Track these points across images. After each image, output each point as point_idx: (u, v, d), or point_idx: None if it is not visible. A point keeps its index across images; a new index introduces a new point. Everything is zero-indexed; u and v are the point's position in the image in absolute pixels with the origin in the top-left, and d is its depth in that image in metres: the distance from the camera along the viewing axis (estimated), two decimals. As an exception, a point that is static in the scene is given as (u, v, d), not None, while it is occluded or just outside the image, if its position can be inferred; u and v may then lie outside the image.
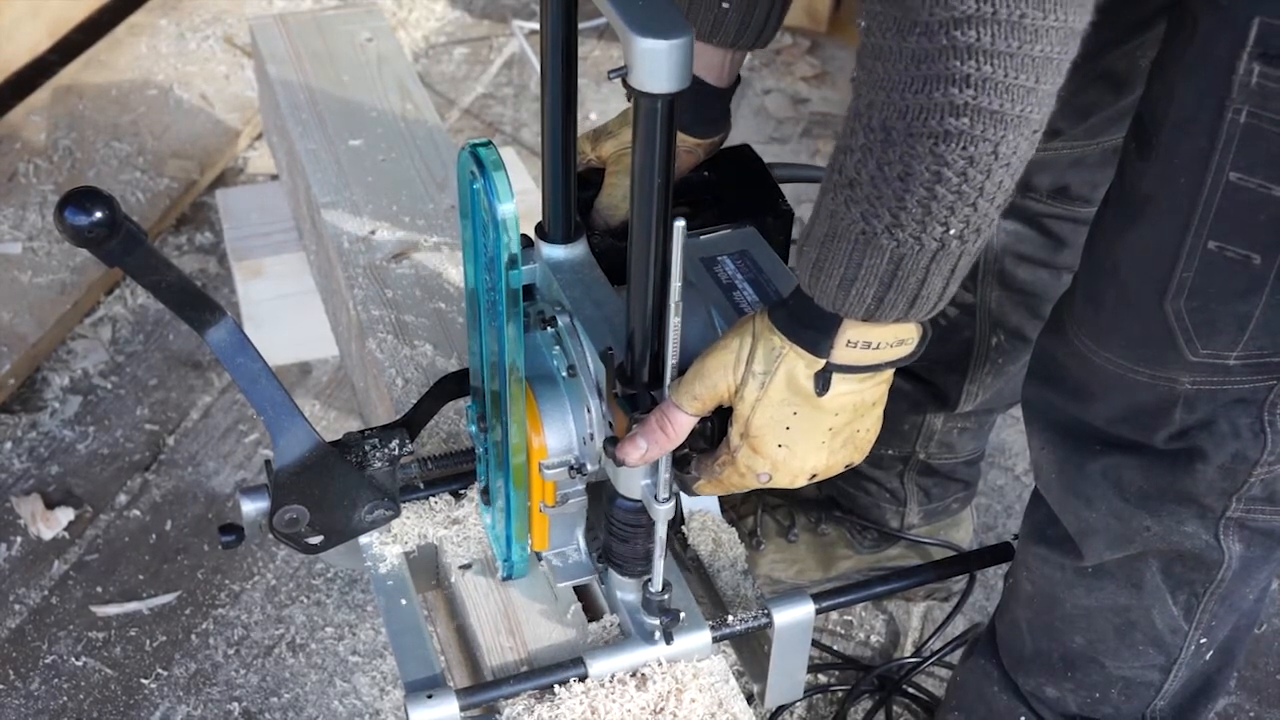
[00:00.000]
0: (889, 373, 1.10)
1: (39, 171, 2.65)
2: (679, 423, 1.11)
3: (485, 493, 1.32)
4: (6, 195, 2.60)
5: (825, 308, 1.01)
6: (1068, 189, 1.60)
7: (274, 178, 2.61)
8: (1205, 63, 1.04)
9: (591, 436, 1.20)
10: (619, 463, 1.12)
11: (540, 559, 1.33)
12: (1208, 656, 1.41)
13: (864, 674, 1.92)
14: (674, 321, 1.06)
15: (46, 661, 1.94)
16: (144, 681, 1.92)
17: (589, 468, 1.21)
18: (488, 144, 1.10)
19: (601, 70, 3.09)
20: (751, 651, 1.37)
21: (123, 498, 2.16)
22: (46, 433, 2.26)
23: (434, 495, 1.39)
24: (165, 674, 1.92)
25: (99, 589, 2.03)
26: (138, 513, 2.14)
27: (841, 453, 1.13)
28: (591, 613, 1.33)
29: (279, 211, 2.33)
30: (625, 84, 0.98)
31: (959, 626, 1.97)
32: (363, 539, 1.34)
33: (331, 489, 1.24)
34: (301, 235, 2.17)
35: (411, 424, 1.31)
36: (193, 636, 1.97)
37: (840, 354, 1.05)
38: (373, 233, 1.79)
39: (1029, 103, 0.89)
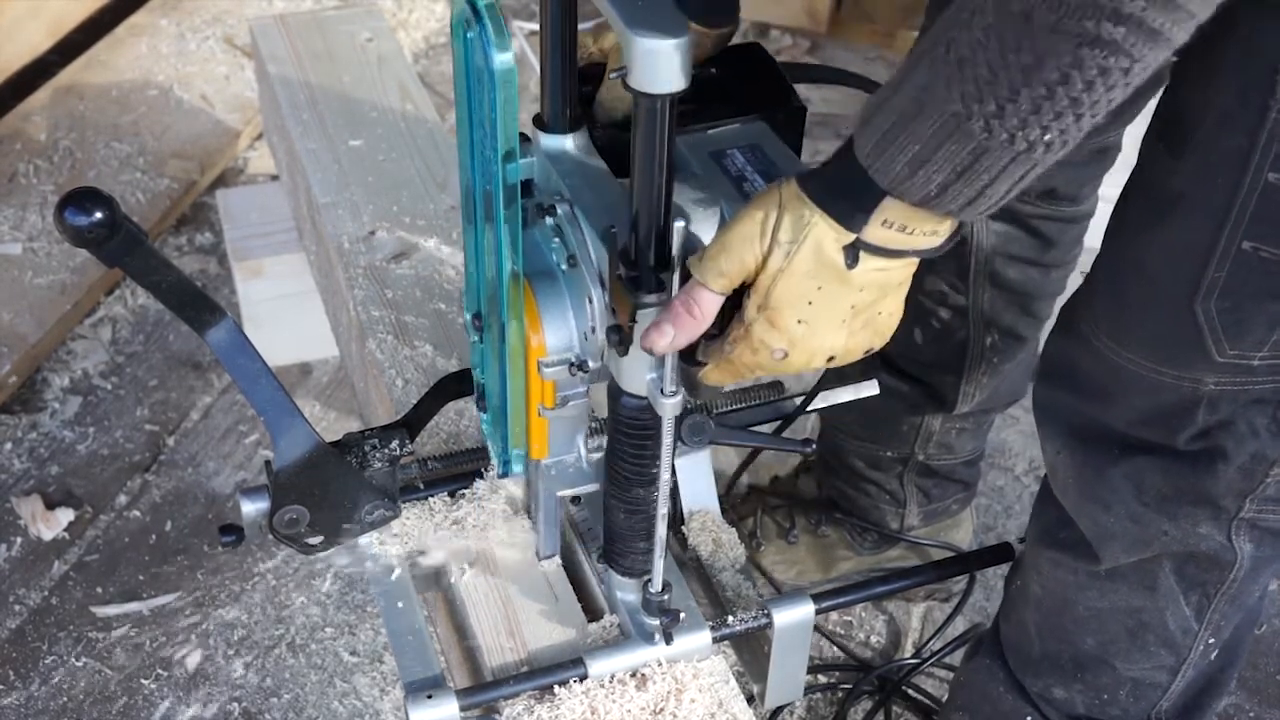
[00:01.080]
0: (916, 259, 1.05)
1: (39, 172, 2.65)
2: (706, 303, 1.04)
3: (481, 398, 1.28)
4: (7, 196, 2.60)
5: (880, 182, 0.95)
6: (1055, 190, 1.61)
7: (274, 178, 2.61)
8: (1249, 62, 1.03)
9: (593, 329, 1.14)
10: (647, 350, 1.06)
11: (537, 469, 1.28)
12: (1213, 656, 1.41)
13: (864, 674, 1.92)
14: (678, 227, 1.02)
15: (47, 662, 1.94)
16: (144, 682, 1.92)
17: (590, 364, 1.15)
18: None
19: (601, 71, 3.09)
20: (751, 652, 1.37)
21: (123, 498, 2.16)
22: (47, 433, 2.26)
23: (434, 495, 1.39)
24: (165, 674, 1.92)
25: (99, 589, 2.03)
26: (138, 513, 2.14)
27: (861, 335, 1.07)
28: (591, 613, 1.33)
29: (279, 212, 2.33)
30: (625, 84, 0.98)
31: (959, 627, 1.97)
32: (362, 539, 1.34)
33: (331, 489, 1.24)
34: (302, 235, 2.17)
35: (411, 424, 1.31)
36: (193, 637, 1.97)
37: (873, 232, 0.99)
38: (373, 233, 1.79)
39: (1182, 29, 0.85)
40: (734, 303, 1.06)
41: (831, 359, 1.07)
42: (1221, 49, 1.05)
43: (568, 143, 1.18)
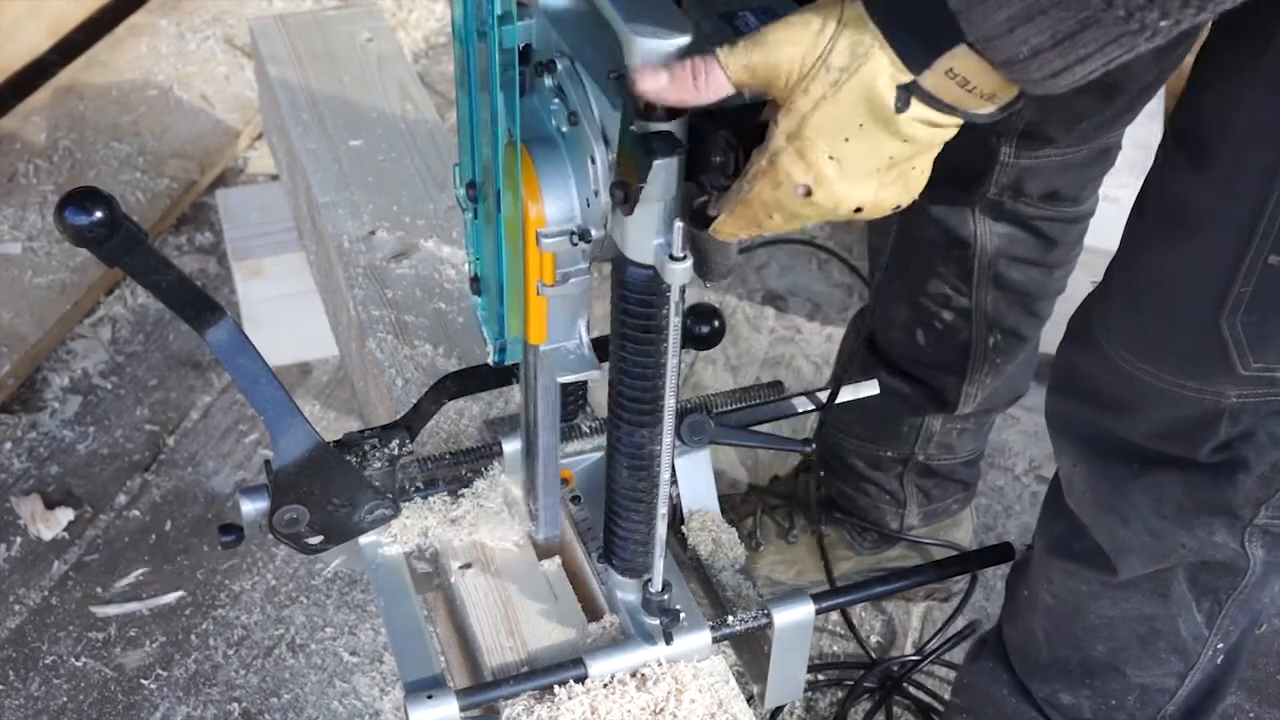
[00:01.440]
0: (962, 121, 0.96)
1: (39, 172, 2.65)
2: (715, 81, 0.93)
3: (475, 280, 1.21)
4: (7, 195, 2.60)
5: (969, 33, 0.87)
6: (1058, 192, 1.61)
7: (274, 178, 2.61)
8: (1278, 80, 1.03)
9: (596, 193, 1.05)
10: (634, 87, 0.95)
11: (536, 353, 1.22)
12: (1219, 660, 1.41)
13: (864, 674, 1.92)
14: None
15: (46, 662, 1.94)
16: (144, 682, 1.92)
17: (593, 232, 1.07)
18: None
19: (601, 70, 3.09)
20: (751, 652, 1.37)
21: (122, 498, 2.16)
22: (46, 433, 2.26)
23: (433, 495, 1.39)
24: (165, 674, 1.92)
25: (99, 589, 2.03)
26: (137, 513, 2.14)
27: (892, 189, 0.97)
28: (591, 613, 1.33)
29: (279, 211, 2.33)
30: (625, 84, 0.98)
31: (959, 627, 1.97)
32: (363, 539, 1.34)
33: (331, 489, 1.24)
34: (301, 235, 2.17)
35: (411, 424, 1.31)
36: (192, 637, 1.97)
37: (933, 78, 0.90)
38: (373, 233, 1.79)
39: None
40: (749, 147, 0.97)
41: (859, 210, 0.97)
42: (1250, 64, 1.04)
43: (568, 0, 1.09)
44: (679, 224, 0.99)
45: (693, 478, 1.39)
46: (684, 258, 1.01)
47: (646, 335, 1.10)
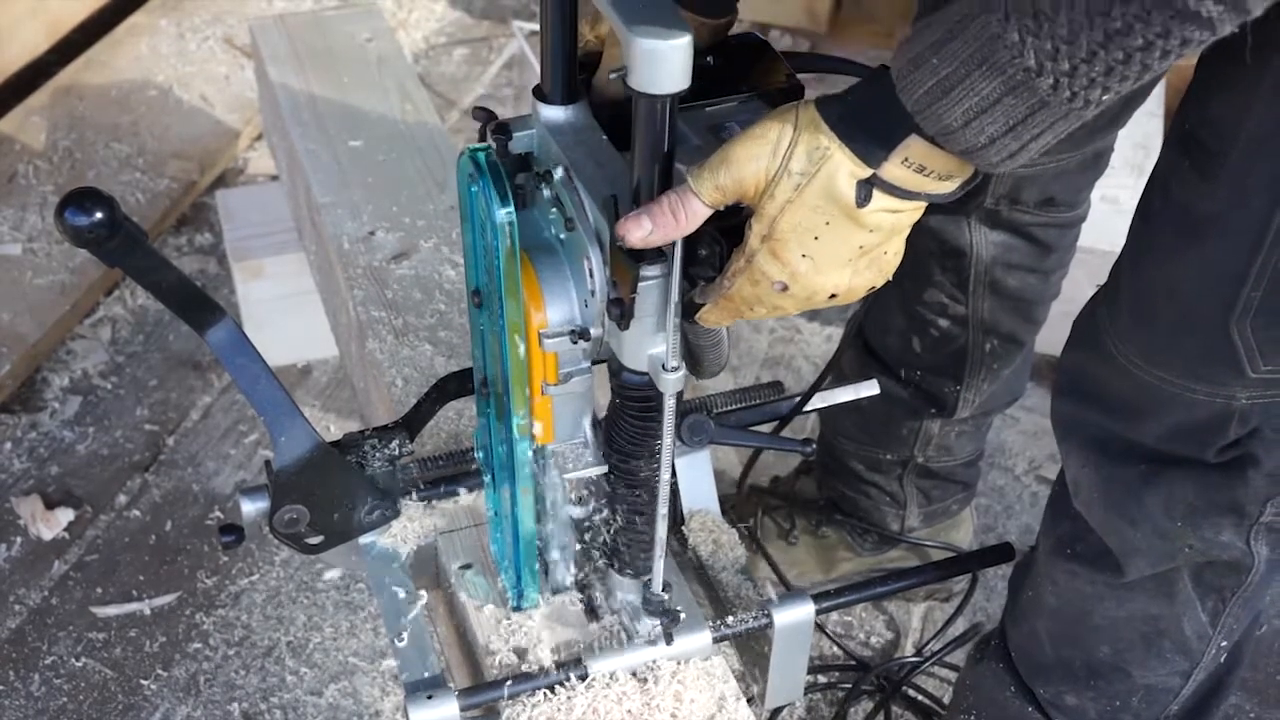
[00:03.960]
0: (926, 204, 1.01)
1: (39, 172, 2.65)
2: (692, 210, 0.99)
3: (484, 384, 1.27)
4: (6, 196, 2.60)
5: (927, 129, 0.92)
6: (1053, 198, 1.62)
7: (274, 178, 2.61)
8: None
9: (593, 293, 1.11)
10: (619, 238, 1.01)
11: (546, 453, 1.26)
12: (1223, 659, 1.41)
13: (864, 674, 1.92)
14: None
15: (46, 662, 1.94)
16: (144, 682, 1.92)
17: (592, 332, 1.13)
18: (487, 148, 1.09)
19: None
20: (752, 652, 1.37)
21: (122, 498, 2.16)
22: (46, 433, 2.26)
23: (433, 495, 1.39)
24: (165, 675, 1.92)
25: (99, 589, 2.03)
26: (138, 513, 2.14)
27: (865, 274, 1.03)
28: (591, 613, 1.33)
29: (279, 212, 2.33)
30: (625, 85, 0.98)
31: (959, 627, 1.97)
32: (363, 539, 1.34)
33: (331, 489, 1.24)
34: (301, 236, 2.17)
35: (411, 424, 1.31)
36: (193, 637, 1.97)
37: (891, 170, 0.95)
38: (373, 233, 1.79)
39: (1265, 6, 0.83)
40: (733, 242, 1.03)
41: (834, 297, 1.03)
42: (1257, 71, 1.04)
43: (567, 114, 1.16)
44: (673, 336, 1.05)
45: (693, 478, 1.39)
46: (677, 367, 1.07)
47: (643, 433, 1.17)
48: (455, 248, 1.76)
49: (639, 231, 1.00)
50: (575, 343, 1.13)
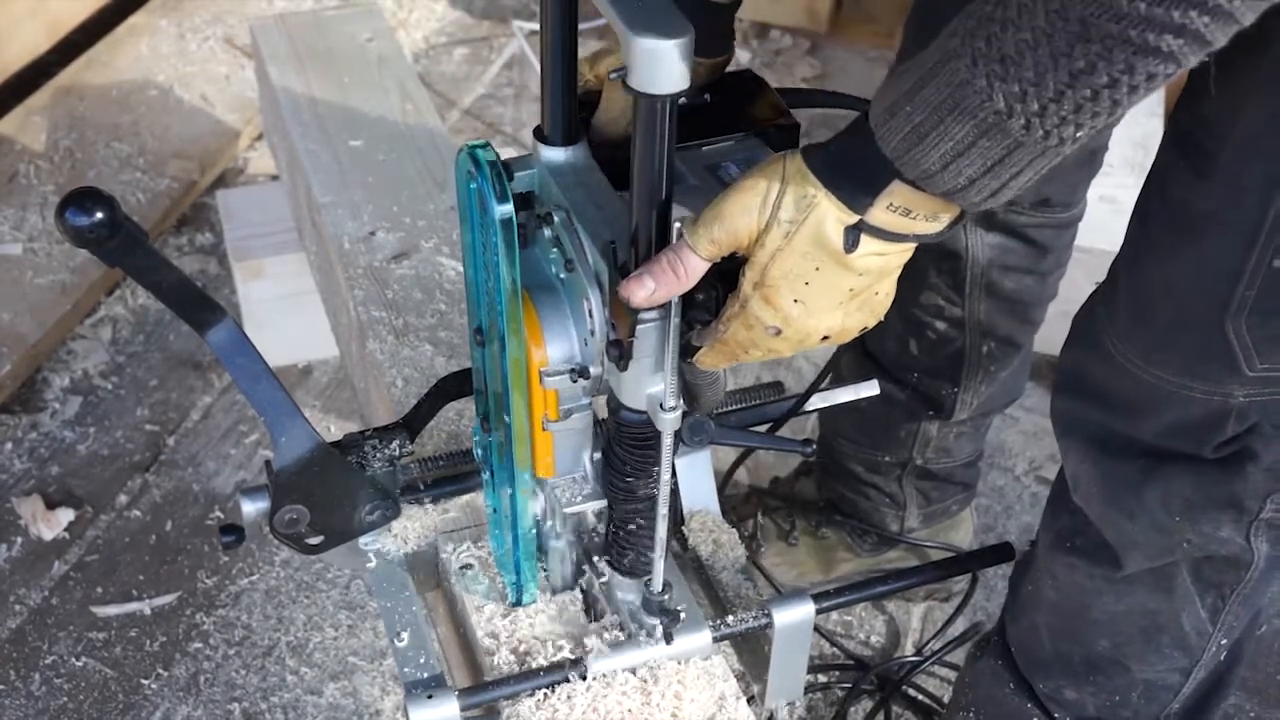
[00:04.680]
0: (915, 244, 1.04)
1: (39, 172, 2.65)
2: (691, 265, 1.03)
3: (485, 419, 1.28)
4: (7, 196, 2.60)
5: (908, 174, 0.94)
6: (1049, 199, 1.62)
7: (274, 178, 2.61)
8: (1278, 84, 1.03)
9: (593, 333, 1.14)
10: (624, 300, 1.05)
11: (545, 487, 1.28)
12: (1223, 656, 1.41)
13: (864, 673, 1.92)
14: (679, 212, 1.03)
15: (47, 662, 1.94)
16: (144, 682, 1.92)
17: (592, 370, 1.15)
18: (485, 145, 1.09)
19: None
20: (752, 652, 1.37)
21: (123, 498, 2.16)
22: (47, 433, 2.26)
23: (434, 496, 1.39)
24: (165, 674, 1.93)
25: (99, 589, 2.03)
26: (138, 513, 2.14)
27: (857, 315, 1.05)
28: (591, 613, 1.33)
29: (279, 212, 2.33)
30: (625, 85, 0.98)
31: (959, 627, 1.98)
32: (363, 539, 1.34)
33: (332, 489, 1.24)
34: (302, 236, 2.17)
35: (412, 425, 1.31)
36: (193, 637, 1.97)
37: (877, 215, 0.98)
38: (373, 233, 1.79)
39: (1226, 35, 0.84)
40: (729, 287, 1.05)
41: (826, 338, 1.06)
42: (1251, 69, 1.05)
43: (568, 155, 1.18)
44: (670, 378, 1.08)
45: (693, 478, 1.39)
46: (675, 407, 1.10)
47: (641, 467, 1.19)
48: (456, 248, 1.76)
49: (642, 292, 1.04)
50: (575, 381, 1.16)
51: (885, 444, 1.89)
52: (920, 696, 1.91)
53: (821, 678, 1.94)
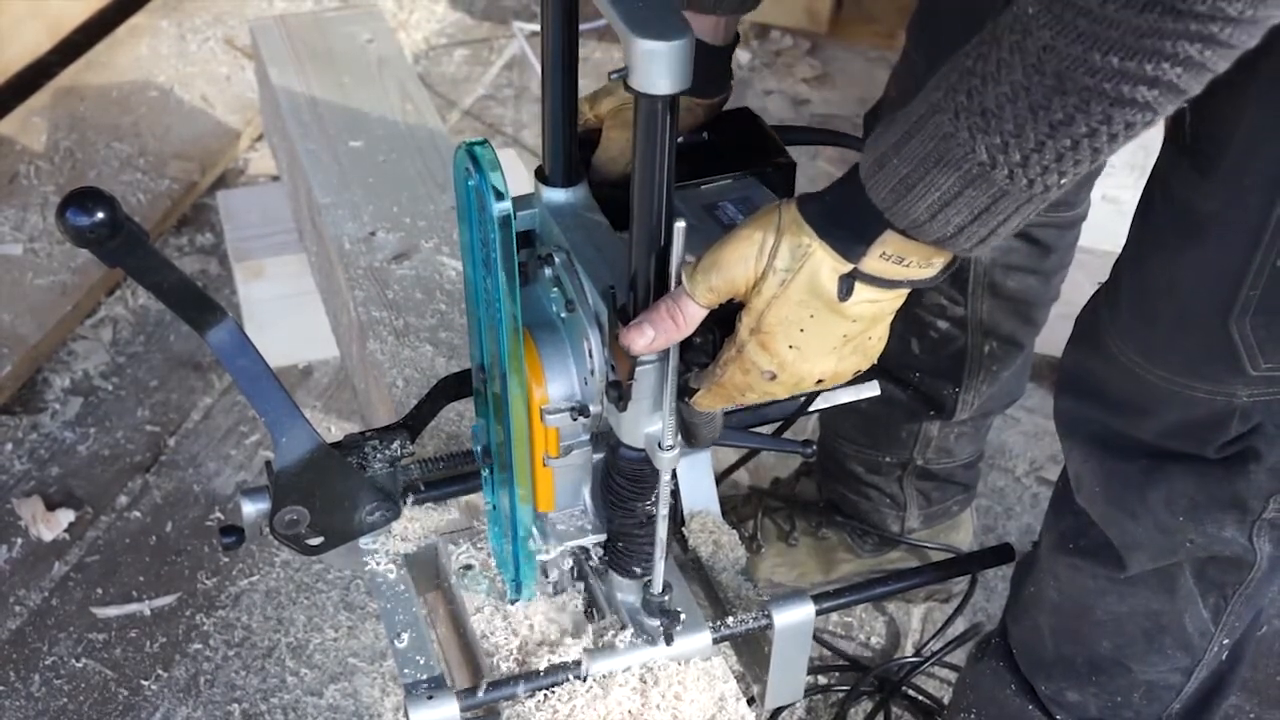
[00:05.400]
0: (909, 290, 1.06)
1: (40, 173, 2.65)
2: (689, 313, 1.05)
3: (486, 451, 1.30)
4: (8, 196, 2.60)
5: (898, 223, 0.97)
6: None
7: (275, 179, 2.61)
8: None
9: (592, 373, 1.16)
10: (625, 348, 1.07)
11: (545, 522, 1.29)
12: (1224, 656, 1.41)
13: (863, 675, 1.92)
14: (678, 255, 1.03)
15: (47, 663, 1.94)
16: (144, 683, 1.92)
17: (592, 409, 1.17)
18: (484, 143, 1.10)
19: (603, 72, 3.09)
20: (752, 653, 1.37)
21: (123, 499, 2.16)
22: (47, 434, 2.26)
23: (434, 497, 1.39)
24: (165, 675, 1.93)
25: (99, 590, 2.03)
26: (138, 514, 2.14)
27: (851, 359, 1.08)
28: (592, 613, 1.33)
29: (280, 212, 2.33)
30: (625, 85, 0.98)
31: (959, 628, 1.98)
32: (363, 540, 1.34)
33: (332, 490, 1.24)
34: (302, 236, 2.17)
35: (412, 425, 1.31)
36: (193, 638, 1.97)
37: (871, 263, 1.00)
38: (373, 234, 1.79)
39: (1205, 82, 0.86)
40: (726, 330, 1.07)
41: (821, 382, 1.08)
42: (1250, 70, 1.05)
43: (568, 195, 1.21)
44: (669, 418, 1.10)
45: (693, 479, 1.39)
46: (673, 446, 1.11)
47: (638, 499, 1.21)
48: (456, 248, 1.76)
49: (642, 340, 1.06)
50: (575, 419, 1.18)
51: (886, 444, 1.89)
52: (920, 698, 1.91)
53: (822, 678, 1.94)
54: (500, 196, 1.07)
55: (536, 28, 2.93)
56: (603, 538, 1.28)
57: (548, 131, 1.19)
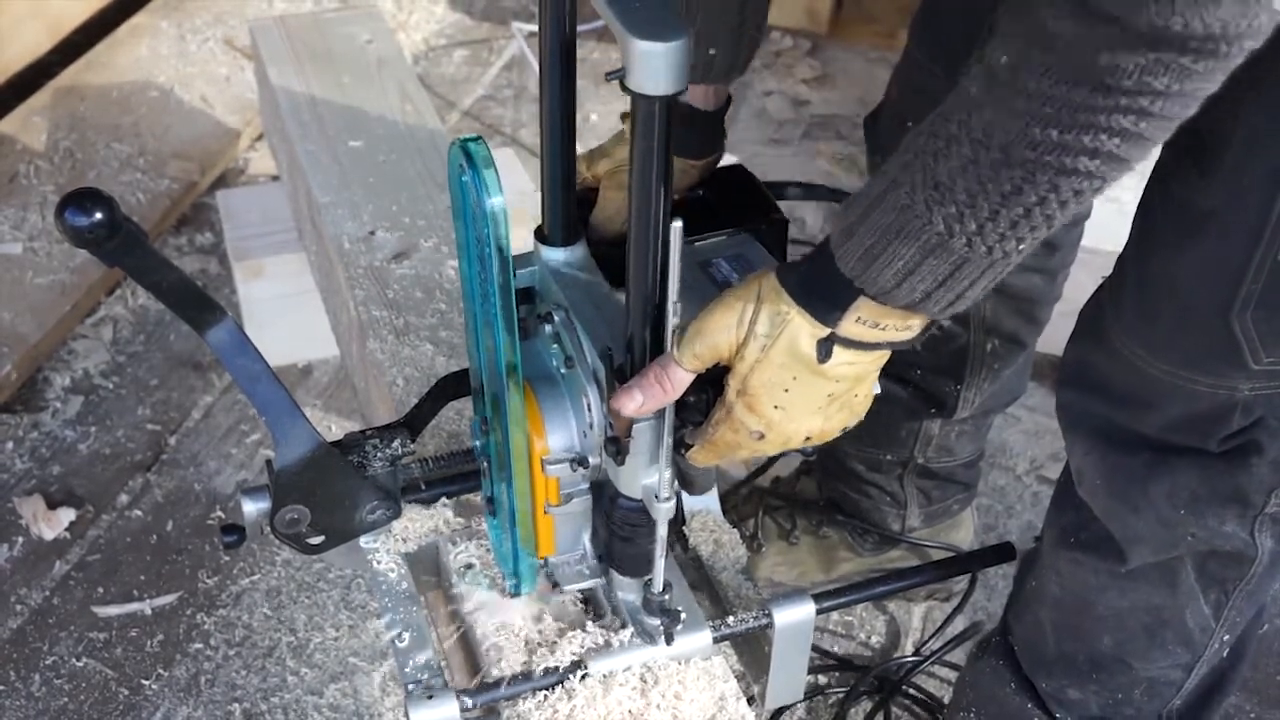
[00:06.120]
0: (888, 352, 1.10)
1: (40, 172, 2.66)
2: (677, 378, 1.10)
3: (490, 501, 1.32)
4: (8, 196, 2.60)
5: (868, 290, 1.01)
6: None
7: (274, 179, 2.61)
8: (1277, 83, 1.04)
9: (592, 426, 1.19)
10: (615, 412, 1.12)
11: (545, 565, 1.32)
12: (1225, 653, 1.41)
13: (863, 674, 1.92)
14: (672, 323, 1.06)
15: (47, 662, 1.94)
16: (145, 682, 1.92)
17: (591, 460, 1.21)
18: (477, 139, 1.10)
19: (600, 72, 3.09)
20: (752, 652, 1.37)
21: (124, 498, 2.16)
22: (48, 433, 2.27)
23: (435, 496, 1.39)
24: (166, 675, 1.93)
25: (100, 589, 2.03)
26: (139, 513, 2.14)
27: (838, 417, 1.13)
28: (592, 613, 1.33)
29: (279, 212, 2.33)
30: (623, 86, 0.98)
31: (959, 627, 1.98)
32: (364, 539, 1.34)
33: (333, 489, 1.24)
34: (302, 236, 2.18)
35: (412, 424, 1.31)
36: (194, 637, 1.97)
37: (847, 328, 1.04)
38: (373, 233, 1.79)
39: (1148, 152, 0.89)
40: (720, 390, 1.11)
41: (809, 439, 1.13)
42: (1249, 68, 1.05)
43: (567, 255, 1.24)
44: (665, 472, 1.13)
45: (693, 478, 1.40)
46: (670, 497, 1.14)
47: (635, 545, 1.23)
48: (455, 247, 1.76)
49: (632, 404, 1.10)
50: (575, 470, 1.21)
51: (886, 442, 1.89)
52: (921, 697, 1.91)
53: (822, 678, 1.94)
54: (494, 192, 1.06)
55: (535, 28, 2.93)
56: (602, 581, 1.31)
57: (546, 193, 1.23)
